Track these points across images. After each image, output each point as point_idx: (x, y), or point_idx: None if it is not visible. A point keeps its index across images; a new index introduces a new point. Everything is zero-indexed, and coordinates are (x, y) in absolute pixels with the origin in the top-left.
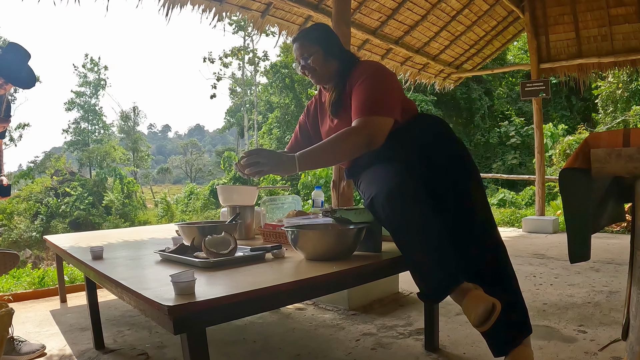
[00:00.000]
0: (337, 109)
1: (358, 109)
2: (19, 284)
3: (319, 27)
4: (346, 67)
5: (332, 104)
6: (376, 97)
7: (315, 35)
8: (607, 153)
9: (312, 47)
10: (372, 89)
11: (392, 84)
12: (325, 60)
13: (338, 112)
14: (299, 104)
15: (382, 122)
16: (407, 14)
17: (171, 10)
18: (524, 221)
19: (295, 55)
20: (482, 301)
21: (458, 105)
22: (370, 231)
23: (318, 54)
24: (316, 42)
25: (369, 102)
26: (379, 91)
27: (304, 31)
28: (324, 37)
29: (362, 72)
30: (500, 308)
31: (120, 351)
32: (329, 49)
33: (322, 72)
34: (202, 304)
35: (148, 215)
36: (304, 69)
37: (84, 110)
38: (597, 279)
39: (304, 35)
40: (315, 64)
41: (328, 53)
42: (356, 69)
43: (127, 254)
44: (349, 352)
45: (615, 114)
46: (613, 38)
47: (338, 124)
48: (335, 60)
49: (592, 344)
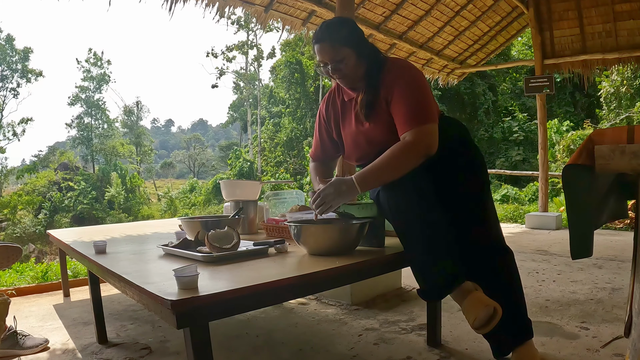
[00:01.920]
0: (370, 112)
1: (406, 120)
2: (22, 279)
3: (345, 24)
4: (376, 67)
5: (365, 107)
6: (420, 105)
7: (344, 35)
8: (611, 150)
9: (344, 49)
10: (413, 96)
11: (427, 86)
12: (357, 63)
13: (371, 116)
14: (308, 99)
15: (433, 128)
16: (411, 8)
17: (174, 5)
18: (527, 217)
19: (319, 57)
20: (483, 305)
21: (462, 100)
22: (373, 226)
23: (350, 57)
24: (347, 43)
25: (415, 111)
26: (421, 97)
27: (329, 29)
28: (355, 37)
29: (397, 76)
30: (501, 313)
31: (123, 345)
32: (361, 50)
33: (354, 76)
34: (205, 298)
35: (151, 209)
36: (335, 72)
37: (88, 105)
38: (600, 275)
39: (332, 35)
40: (347, 69)
41: (360, 55)
42: (388, 69)
43: (130, 248)
44: (352, 347)
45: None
46: (618, 34)
47: (371, 127)
48: (365, 61)
49: (594, 340)
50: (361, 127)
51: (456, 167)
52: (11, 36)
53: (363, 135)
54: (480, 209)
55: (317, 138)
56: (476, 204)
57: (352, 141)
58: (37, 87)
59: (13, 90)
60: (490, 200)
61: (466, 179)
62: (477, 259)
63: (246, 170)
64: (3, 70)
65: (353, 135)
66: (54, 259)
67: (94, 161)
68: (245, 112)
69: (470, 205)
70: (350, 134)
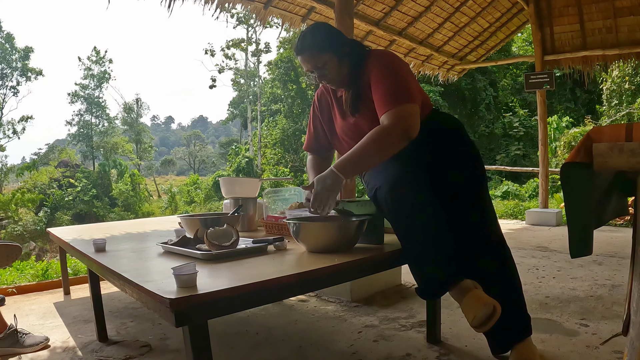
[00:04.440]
0: (355, 107)
1: (383, 101)
2: (22, 277)
3: (320, 30)
4: (359, 62)
5: (351, 104)
6: (398, 85)
7: (320, 40)
8: (610, 147)
9: (323, 55)
10: (391, 77)
11: (405, 70)
12: (340, 65)
13: (357, 110)
14: (303, 96)
15: (412, 109)
16: (410, 4)
17: (173, 1)
18: (527, 213)
19: (305, 67)
20: (482, 303)
21: (463, 96)
22: (372, 223)
23: (331, 60)
24: (326, 49)
25: (392, 92)
26: (399, 79)
27: (306, 39)
28: (332, 41)
29: (375, 63)
30: (500, 311)
31: (123, 343)
32: (340, 51)
33: (340, 77)
34: (204, 296)
35: (152, 206)
36: (322, 79)
37: (88, 102)
38: (600, 272)
39: (310, 44)
40: (332, 72)
41: (340, 56)
42: (369, 60)
43: (129, 246)
44: (351, 344)
45: (620, 107)
46: (618, 30)
47: (359, 118)
48: (347, 60)
49: (594, 337)
50: (350, 120)
51: (452, 162)
52: (11, 35)
53: (354, 127)
54: (478, 206)
55: (311, 129)
56: (473, 201)
57: (344, 134)
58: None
59: (13, 89)
60: (487, 196)
61: (462, 174)
62: (475, 256)
63: (244, 166)
64: (3, 68)
65: (344, 128)
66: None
67: (94, 159)
68: (245, 108)
69: (467, 202)
70: (340, 127)
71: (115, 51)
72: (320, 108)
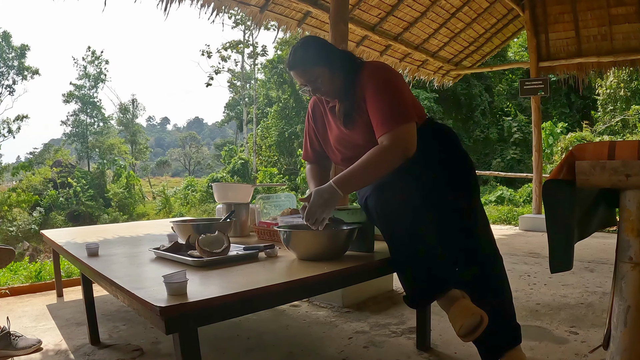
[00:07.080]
0: (348, 119)
1: (381, 123)
2: (16, 278)
3: (311, 45)
4: (352, 74)
5: (344, 116)
6: (395, 104)
7: (311, 55)
8: (592, 165)
9: (315, 69)
10: (387, 97)
11: (401, 85)
12: (332, 77)
13: (349, 122)
14: (298, 98)
15: (410, 128)
16: (406, 10)
17: (169, 4)
18: (521, 219)
19: (298, 82)
20: (469, 313)
21: (458, 101)
22: (362, 231)
23: (324, 74)
24: (318, 63)
25: (390, 112)
26: (394, 97)
27: (297, 54)
28: (323, 54)
29: (370, 77)
30: (487, 322)
31: (115, 346)
32: (333, 65)
33: (333, 90)
34: (194, 304)
35: (146, 208)
36: (315, 92)
37: (83, 102)
38: (592, 279)
39: (302, 60)
40: (325, 85)
41: (333, 69)
42: (362, 72)
43: (122, 250)
44: (342, 350)
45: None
46: (613, 37)
47: (352, 131)
48: (340, 72)
49: (583, 345)
50: (344, 130)
51: (443, 171)
52: (8, 33)
53: (348, 138)
54: (468, 214)
55: (307, 139)
56: (464, 209)
57: (337, 143)
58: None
59: (9, 87)
60: (479, 204)
61: (454, 184)
62: (464, 265)
63: (239, 168)
64: None
65: (338, 138)
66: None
67: (89, 159)
68: (241, 111)
69: (457, 211)
70: (334, 137)
71: (112, 52)
72: (314, 118)
